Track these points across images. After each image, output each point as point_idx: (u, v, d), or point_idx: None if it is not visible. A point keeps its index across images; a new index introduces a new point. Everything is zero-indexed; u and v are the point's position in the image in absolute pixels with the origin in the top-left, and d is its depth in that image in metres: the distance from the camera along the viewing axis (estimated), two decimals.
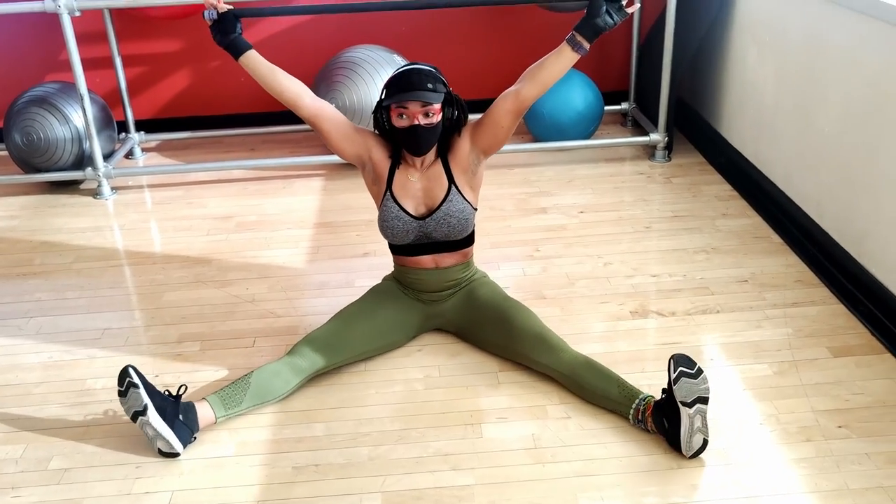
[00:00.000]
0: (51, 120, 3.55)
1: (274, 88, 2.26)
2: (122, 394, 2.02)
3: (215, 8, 2.24)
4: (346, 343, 2.28)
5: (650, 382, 2.21)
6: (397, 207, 2.27)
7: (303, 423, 2.15)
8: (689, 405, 1.91)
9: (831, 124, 2.73)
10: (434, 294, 2.39)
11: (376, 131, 2.31)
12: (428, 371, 2.33)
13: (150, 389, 2.02)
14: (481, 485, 1.93)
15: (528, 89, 2.18)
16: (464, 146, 2.27)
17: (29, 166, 3.62)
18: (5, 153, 3.81)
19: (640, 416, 2.04)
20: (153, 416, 1.98)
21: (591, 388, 2.13)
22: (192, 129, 4.20)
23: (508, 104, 2.20)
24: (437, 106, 2.16)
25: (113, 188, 3.67)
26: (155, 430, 1.99)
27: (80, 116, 3.57)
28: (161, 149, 4.17)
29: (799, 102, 2.96)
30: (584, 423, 2.10)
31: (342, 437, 2.09)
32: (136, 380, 2.00)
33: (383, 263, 2.57)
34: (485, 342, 2.37)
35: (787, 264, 2.81)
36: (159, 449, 2.02)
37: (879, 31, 2.42)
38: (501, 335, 2.30)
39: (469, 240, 2.36)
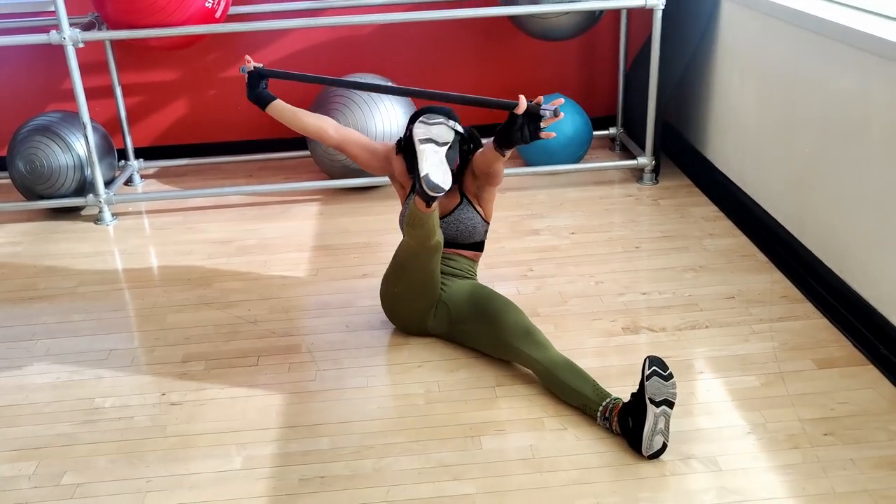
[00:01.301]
0: (53, 148, 3.62)
1: (300, 129, 2.62)
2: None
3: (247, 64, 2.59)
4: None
5: None
6: None
7: (308, 437, 2.21)
8: (657, 404, 2.03)
9: (810, 145, 2.85)
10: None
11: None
12: (428, 386, 2.40)
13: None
14: (483, 493, 2.00)
15: (483, 164, 2.44)
16: (470, 174, 2.56)
17: (32, 193, 3.69)
18: (8, 181, 3.88)
19: (607, 414, 2.16)
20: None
21: (567, 384, 2.25)
22: (189, 156, 4.29)
23: (483, 164, 2.45)
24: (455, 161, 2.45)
25: (113, 214, 3.74)
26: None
27: (81, 144, 3.65)
28: (159, 175, 4.25)
29: (779, 125, 3.08)
30: (580, 434, 2.18)
31: (347, 450, 2.16)
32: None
33: None
34: (477, 336, 2.49)
35: (772, 281, 2.91)
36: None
37: (853, 56, 2.55)
38: (492, 328, 2.43)
39: (476, 246, 2.61)
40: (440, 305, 2.55)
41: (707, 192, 3.69)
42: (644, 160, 3.80)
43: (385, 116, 3.66)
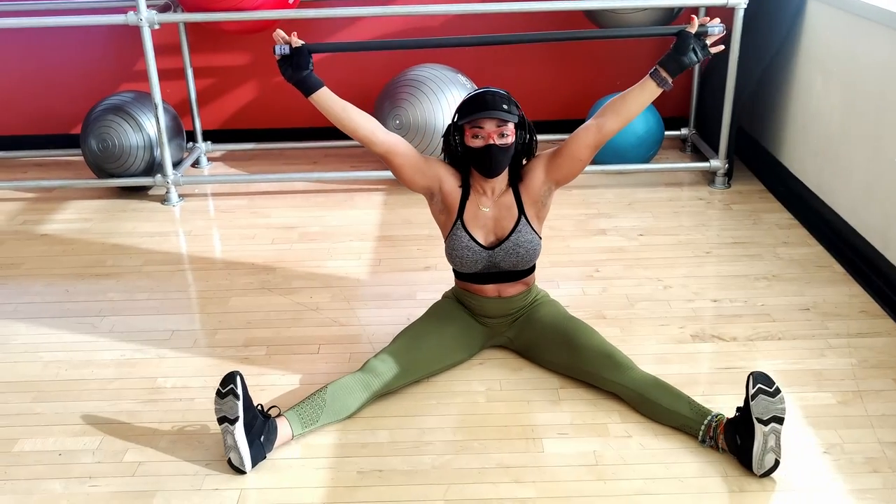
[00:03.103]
0: (125, 127, 3.67)
1: (347, 126, 2.23)
2: (220, 395, 2.02)
3: (288, 43, 2.16)
4: (416, 362, 2.30)
5: (712, 405, 2.21)
6: (468, 237, 2.30)
7: (367, 429, 2.19)
8: (765, 423, 1.92)
9: None
10: (496, 319, 2.43)
11: (445, 157, 2.35)
12: (489, 384, 2.36)
13: (246, 403, 2.03)
14: (543, 498, 1.95)
15: (611, 123, 2.20)
16: (537, 176, 2.29)
17: (102, 171, 3.75)
18: (81, 158, 3.95)
19: (711, 433, 2.05)
20: (239, 429, 1.99)
21: (661, 405, 2.14)
22: (256, 140, 4.32)
23: (590, 138, 2.22)
24: (512, 126, 2.20)
25: (180, 195, 3.77)
26: (235, 442, 2.00)
27: (152, 125, 3.69)
28: (226, 159, 4.28)
29: (866, 132, 2.94)
30: (646, 443, 2.11)
31: (405, 445, 2.13)
32: (238, 390, 2.00)
33: (445, 277, 2.62)
34: (549, 362, 2.38)
35: (850, 294, 2.79)
36: (229, 459, 2.04)
37: None
38: (566, 354, 2.32)
39: (531, 270, 2.40)
40: (494, 338, 2.45)
41: (781, 198, 3.57)
42: (717, 163, 3.69)
43: (452, 109, 3.62)
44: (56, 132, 4.34)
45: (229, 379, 2.03)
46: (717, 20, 2.16)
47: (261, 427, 2.05)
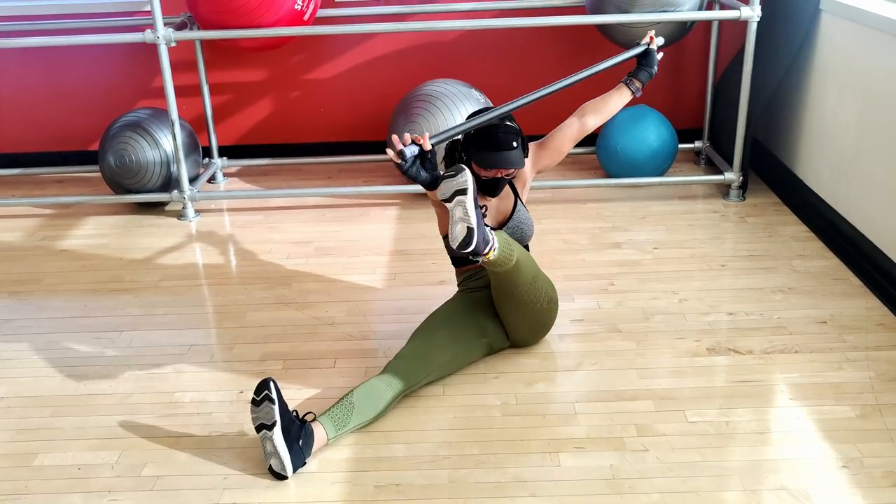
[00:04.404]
0: (142, 144, 3.71)
1: None
2: (255, 403, 2.05)
3: (416, 143, 2.23)
4: (431, 354, 2.36)
5: (727, 419, 2.22)
6: None
7: (383, 443, 2.20)
8: (449, 199, 2.13)
9: None
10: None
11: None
12: (505, 398, 2.36)
13: (282, 407, 2.06)
14: None
15: (592, 121, 2.58)
16: (525, 168, 2.55)
17: (120, 187, 3.78)
18: (98, 175, 3.99)
19: None
20: (277, 434, 2.02)
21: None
22: (271, 156, 4.35)
23: (574, 133, 2.57)
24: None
25: (196, 211, 3.80)
26: (275, 447, 2.03)
27: (169, 141, 3.73)
28: (241, 174, 4.31)
29: (883, 143, 2.94)
30: (663, 457, 2.11)
31: (422, 459, 2.13)
32: (273, 395, 2.03)
33: None
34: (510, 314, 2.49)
35: (867, 307, 2.77)
36: (270, 466, 2.06)
37: None
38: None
39: (527, 246, 2.59)
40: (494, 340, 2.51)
41: (797, 211, 3.56)
42: (731, 175, 3.68)
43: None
44: (74, 149, 4.39)
45: (263, 385, 2.06)
46: (654, 31, 2.77)
47: (298, 432, 2.08)
